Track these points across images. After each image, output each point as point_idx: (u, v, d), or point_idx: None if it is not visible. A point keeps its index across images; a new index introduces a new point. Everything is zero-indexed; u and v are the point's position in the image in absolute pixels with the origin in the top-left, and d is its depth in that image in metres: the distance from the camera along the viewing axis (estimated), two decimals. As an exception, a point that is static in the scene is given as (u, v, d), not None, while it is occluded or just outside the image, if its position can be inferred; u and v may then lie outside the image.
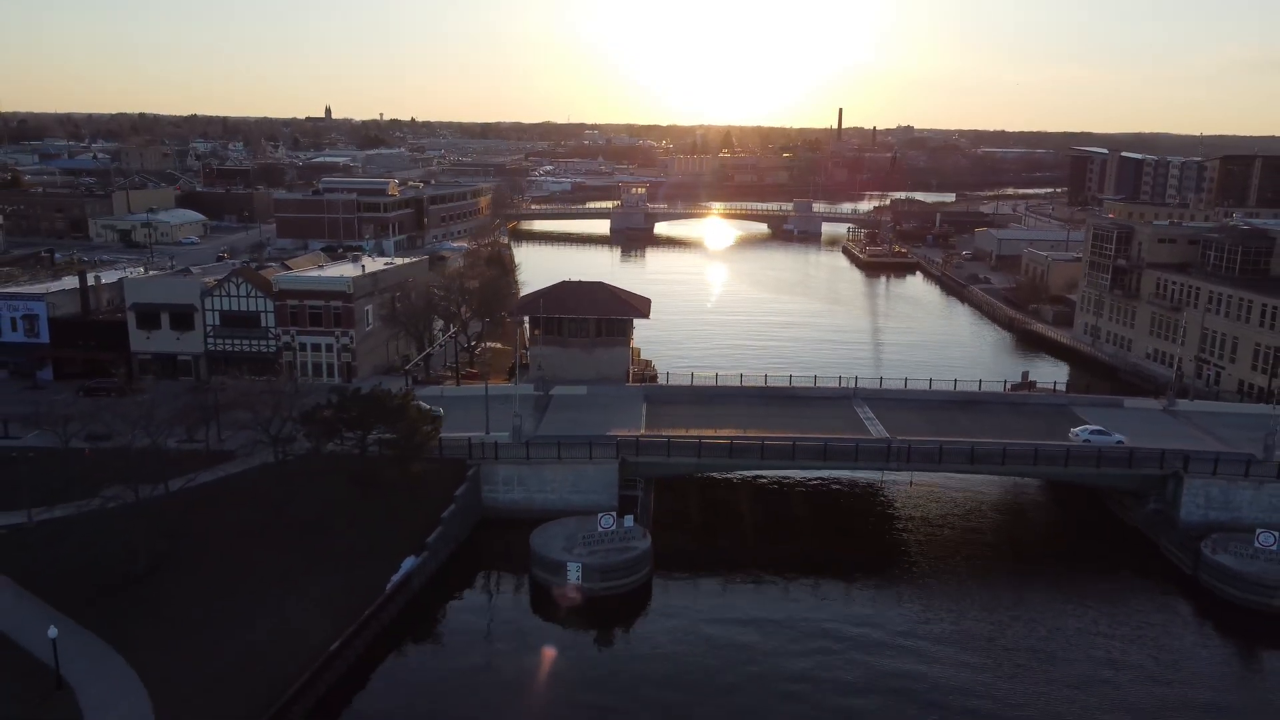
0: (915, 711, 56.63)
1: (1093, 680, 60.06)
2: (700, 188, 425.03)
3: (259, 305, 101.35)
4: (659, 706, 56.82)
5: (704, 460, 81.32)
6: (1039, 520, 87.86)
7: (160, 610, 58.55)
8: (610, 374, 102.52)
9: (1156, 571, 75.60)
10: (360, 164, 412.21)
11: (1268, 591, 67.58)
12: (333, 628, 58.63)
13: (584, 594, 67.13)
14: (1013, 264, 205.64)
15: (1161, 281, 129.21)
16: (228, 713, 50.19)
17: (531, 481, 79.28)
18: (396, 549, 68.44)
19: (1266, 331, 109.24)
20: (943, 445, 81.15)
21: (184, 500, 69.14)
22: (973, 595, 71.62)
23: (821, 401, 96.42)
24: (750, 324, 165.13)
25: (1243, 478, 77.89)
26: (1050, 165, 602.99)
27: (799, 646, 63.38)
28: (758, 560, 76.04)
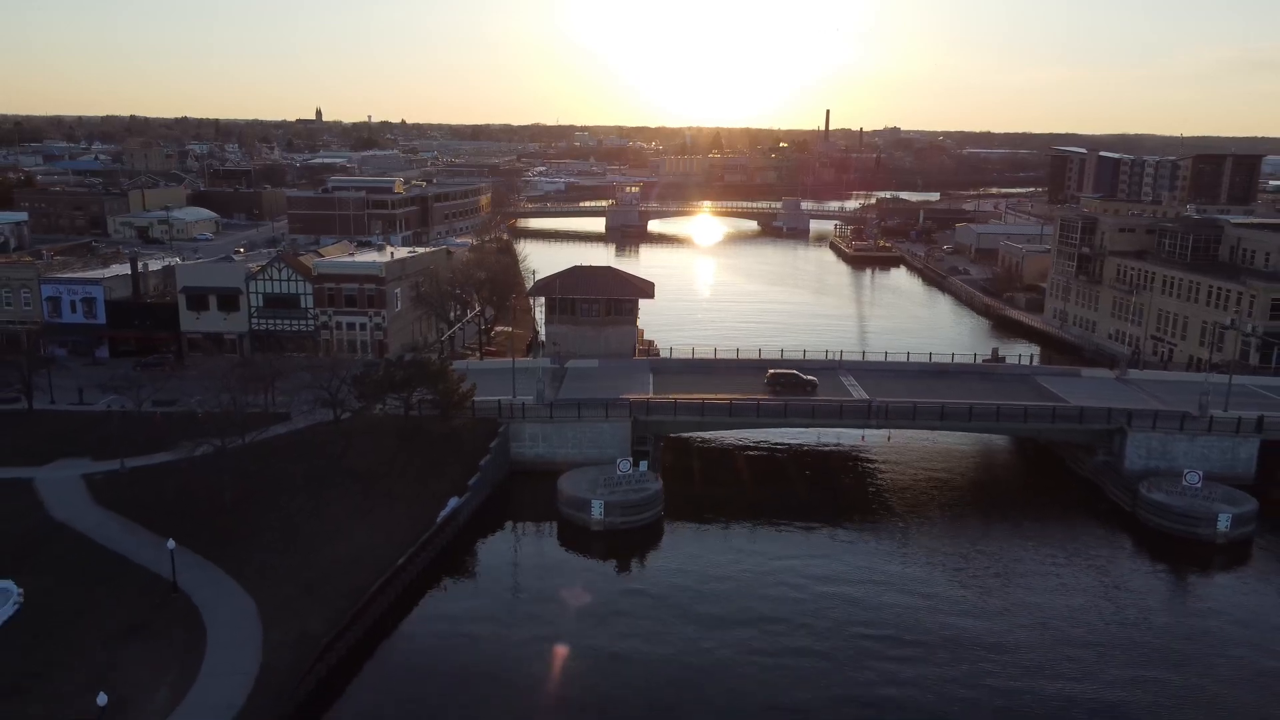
0: (893, 628, 65.66)
1: (1049, 600, 69.73)
2: (691, 187, 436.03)
3: (299, 288, 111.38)
4: (670, 625, 67.16)
5: (707, 419, 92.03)
6: (1003, 472, 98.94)
7: (249, 537, 68.58)
8: (619, 350, 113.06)
9: (1103, 513, 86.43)
10: (356, 165, 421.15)
11: (1193, 522, 78.61)
12: (396, 549, 68.93)
13: (604, 527, 77.65)
14: (990, 257, 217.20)
15: (1121, 267, 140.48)
16: (319, 610, 60.37)
17: (554, 438, 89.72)
18: (442, 491, 78.75)
19: (1213, 310, 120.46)
20: (917, 405, 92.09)
21: (256, 451, 79.20)
22: (944, 535, 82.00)
23: (810, 372, 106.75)
24: (743, 311, 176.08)
25: (1178, 431, 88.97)
26: (1033, 165, 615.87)
27: (791, 578, 72.65)
28: (754, 507, 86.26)
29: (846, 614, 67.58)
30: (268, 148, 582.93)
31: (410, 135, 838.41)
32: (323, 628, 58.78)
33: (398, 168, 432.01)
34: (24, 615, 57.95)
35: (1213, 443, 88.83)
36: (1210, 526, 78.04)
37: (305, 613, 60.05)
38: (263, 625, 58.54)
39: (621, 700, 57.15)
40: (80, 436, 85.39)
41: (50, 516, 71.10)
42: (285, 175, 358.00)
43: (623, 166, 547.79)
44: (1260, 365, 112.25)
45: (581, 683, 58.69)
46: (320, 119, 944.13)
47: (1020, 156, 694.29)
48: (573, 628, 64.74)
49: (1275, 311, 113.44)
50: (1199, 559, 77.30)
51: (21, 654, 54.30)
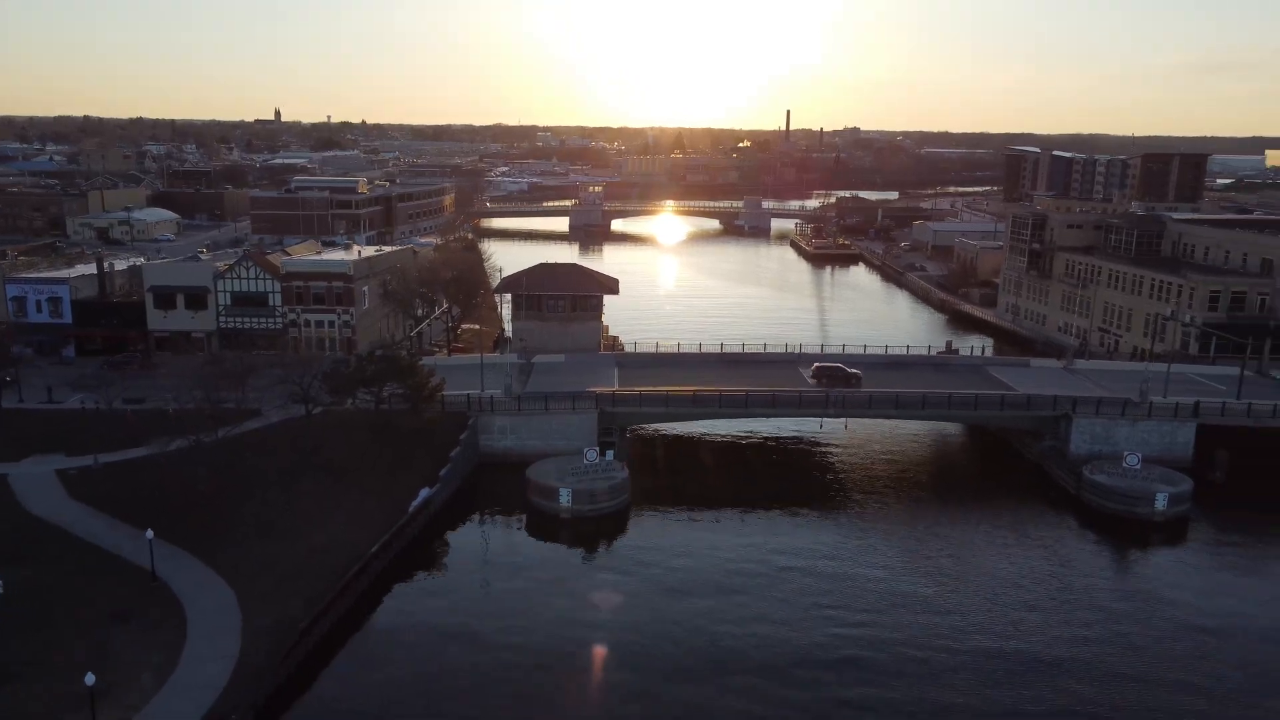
0: (851, 600, 69.08)
1: (998, 576, 73.24)
2: (653, 187, 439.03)
3: (267, 286, 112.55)
4: (639, 601, 69.78)
5: (671, 409, 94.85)
6: (956, 459, 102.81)
7: (225, 528, 70.11)
8: (585, 344, 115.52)
9: (1050, 495, 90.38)
10: (318, 165, 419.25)
11: (1133, 501, 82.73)
12: (371, 537, 70.89)
13: (572, 514, 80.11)
14: (946, 254, 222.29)
15: (1070, 263, 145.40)
16: (297, 597, 62.21)
17: (523, 430, 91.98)
18: (413, 482, 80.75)
19: (1156, 303, 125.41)
20: (872, 394, 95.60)
21: (229, 446, 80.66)
22: (900, 518, 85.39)
23: (770, 365, 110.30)
24: (706, 307, 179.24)
25: (1120, 416, 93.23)
26: (990, 165, 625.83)
27: (755, 558, 75.71)
28: (718, 495, 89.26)
29: (806, 588, 70.95)
30: (227, 148, 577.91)
31: (371, 136, 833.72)
32: (300, 613, 60.63)
33: (359, 168, 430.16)
34: (5, 606, 59.17)
35: (1152, 427, 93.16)
36: (1149, 506, 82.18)
37: (283, 599, 61.87)
38: (242, 612, 60.30)
39: (591, 673, 59.67)
40: (52, 434, 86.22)
41: (26, 511, 72.22)
42: (246, 176, 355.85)
43: (585, 166, 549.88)
44: (1199, 354, 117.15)
45: (552, 658, 60.97)
46: (279, 119, 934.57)
47: (977, 156, 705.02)
48: (543, 609, 67.07)
49: (1213, 303, 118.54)
50: (1138, 536, 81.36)
51: (6, 642, 55.64)
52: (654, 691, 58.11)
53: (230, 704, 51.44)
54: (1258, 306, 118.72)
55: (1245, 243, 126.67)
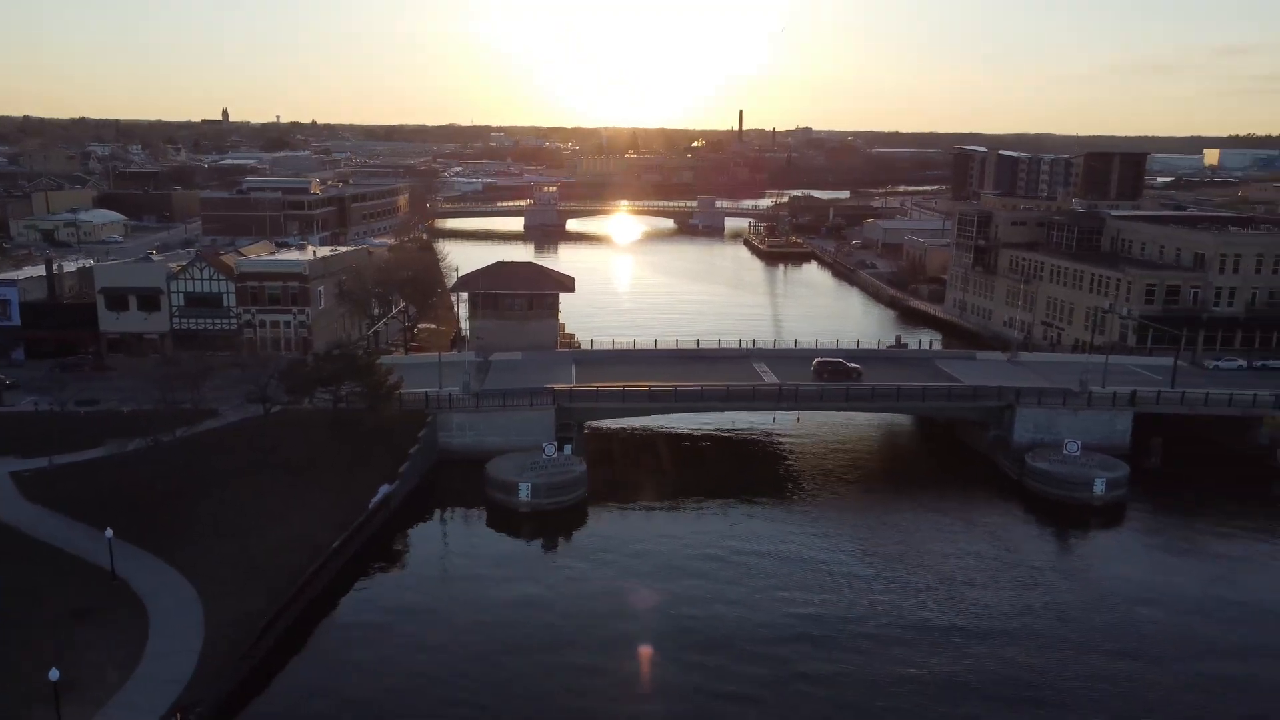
0: (804, 592, 71.11)
1: (949, 566, 75.43)
2: (608, 187, 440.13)
3: (221, 287, 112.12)
4: (598, 585, 71.25)
5: (628, 404, 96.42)
6: (905, 449, 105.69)
7: (185, 527, 70.21)
8: (542, 342, 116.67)
9: (996, 483, 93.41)
10: (268, 166, 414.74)
11: (1073, 487, 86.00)
12: (331, 534, 71.57)
13: (531, 508, 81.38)
14: (896, 251, 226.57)
15: (1014, 259, 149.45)
16: (259, 592, 62.75)
17: (481, 426, 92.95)
18: (373, 479, 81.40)
19: (1096, 296, 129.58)
20: (824, 387, 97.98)
21: (187, 446, 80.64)
22: (851, 508, 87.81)
23: (725, 360, 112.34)
24: (662, 305, 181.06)
25: (1062, 406, 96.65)
26: (940, 164, 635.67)
27: (711, 546, 77.57)
28: (674, 488, 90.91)
29: (762, 572, 73.25)
30: (174, 149, 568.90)
31: (322, 136, 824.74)
32: (263, 608, 61.23)
33: (311, 169, 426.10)
34: (-37, 606, 58.98)
35: (1092, 416, 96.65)
36: (1088, 490, 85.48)
37: (245, 595, 62.36)
38: (204, 607, 60.72)
39: (551, 656, 61.04)
40: (3, 436, 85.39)
41: (-20, 513, 71.70)
42: (194, 177, 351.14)
43: (540, 167, 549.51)
44: (1137, 346, 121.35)
45: (513, 645, 62.14)
46: (227, 119, 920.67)
47: (927, 155, 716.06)
48: (504, 599, 68.25)
49: (1149, 297, 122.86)
50: (1079, 520, 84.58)
51: (-36, 641, 55.56)
52: (614, 669, 60.00)
53: (196, 696, 52.03)
54: (1191, 299, 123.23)
55: (1179, 238, 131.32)
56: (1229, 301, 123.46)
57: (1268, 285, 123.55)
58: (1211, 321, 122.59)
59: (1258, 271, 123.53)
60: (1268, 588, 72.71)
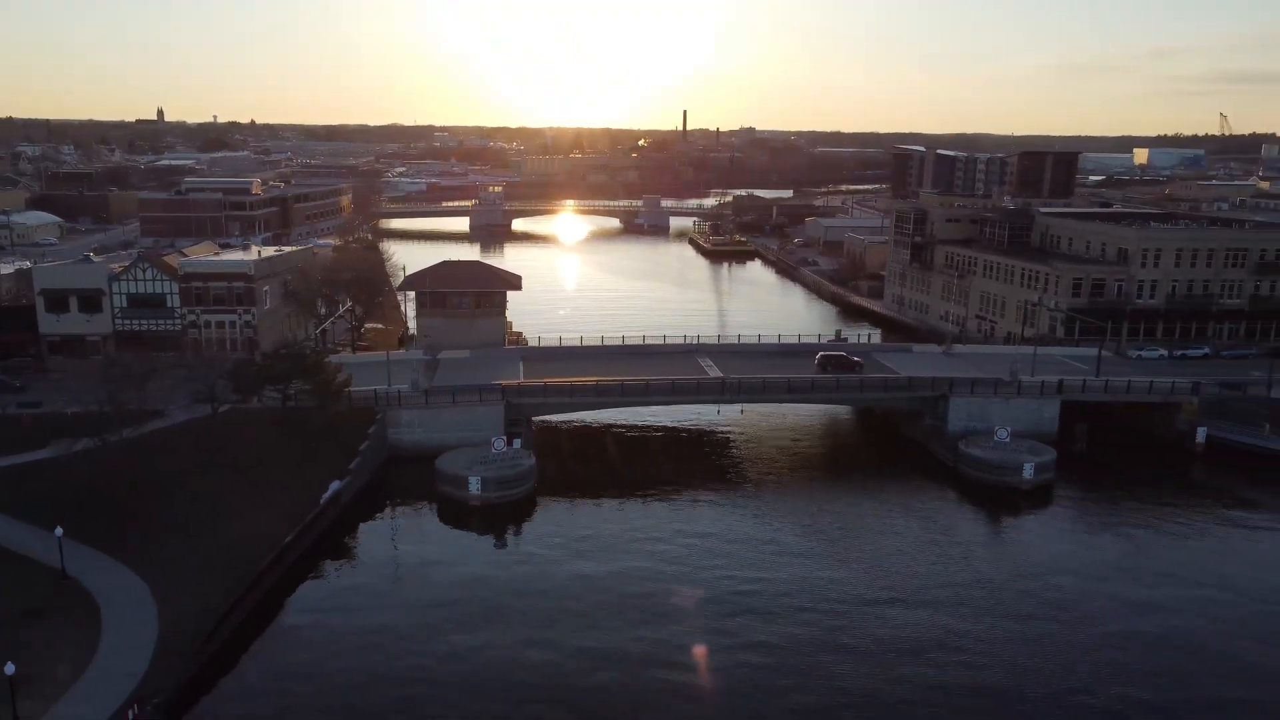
0: (748, 571, 73.77)
1: (887, 547, 78.40)
2: (553, 186, 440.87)
3: (165, 288, 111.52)
4: (549, 577, 73.03)
5: (575, 399, 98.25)
6: (845, 440, 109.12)
7: (136, 526, 70.41)
8: (489, 340, 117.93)
9: (931, 470, 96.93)
10: (206, 166, 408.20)
11: (1003, 472, 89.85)
12: (284, 530, 72.30)
13: (481, 501, 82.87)
14: (837, 248, 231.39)
15: (950, 254, 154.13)
16: (212, 588, 63.43)
17: (431, 423, 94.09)
18: (323, 476, 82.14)
19: (1026, 290, 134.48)
20: (766, 380, 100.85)
21: (134, 446, 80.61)
22: (794, 496, 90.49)
23: (670, 355, 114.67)
24: (608, 303, 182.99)
25: (993, 395, 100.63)
26: (881, 163, 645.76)
27: (658, 535, 79.70)
28: (621, 481, 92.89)
29: (707, 555, 75.92)
30: (108, 149, 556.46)
31: (261, 136, 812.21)
32: (217, 603, 61.95)
33: (251, 169, 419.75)
34: (-90, 607, 58.86)
35: (1022, 405, 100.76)
36: (1017, 475, 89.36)
37: (198, 590, 62.98)
38: (157, 604, 61.28)
39: (501, 630, 62.75)
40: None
41: (-76, 516, 71.18)
42: (130, 178, 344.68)
43: (485, 167, 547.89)
44: (1065, 337, 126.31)
45: (466, 630, 63.69)
46: (163, 119, 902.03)
47: (868, 155, 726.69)
48: (456, 587, 69.72)
49: (1076, 290, 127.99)
50: (1009, 503, 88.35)
51: (-87, 641, 55.52)
52: (561, 641, 62.53)
53: (152, 689, 52.77)
54: (1115, 292, 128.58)
55: (1103, 234, 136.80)
56: (1150, 294, 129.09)
57: (1186, 278, 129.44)
58: (1134, 313, 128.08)
59: (1177, 265, 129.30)
60: (1182, 561, 77.13)
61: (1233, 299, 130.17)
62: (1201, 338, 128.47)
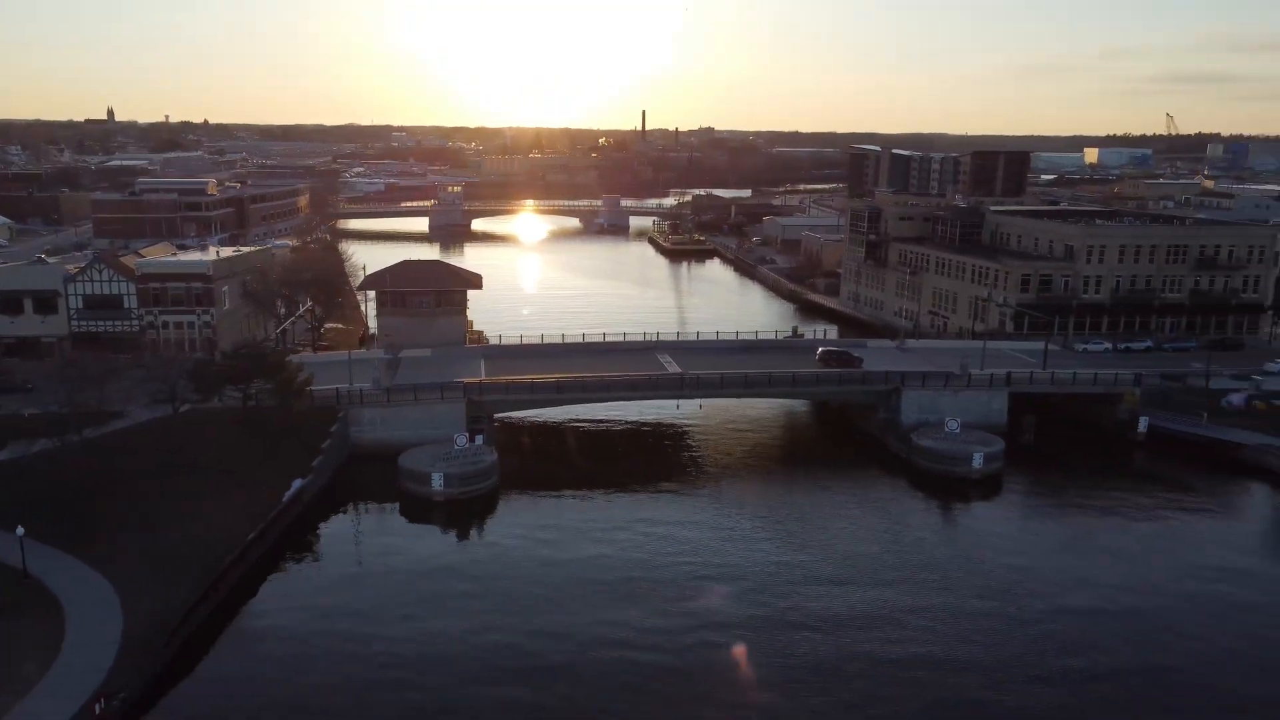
0: (707, 557, 75.70)
1: (842, 534, 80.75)
2: (513, 186, 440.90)
3: (121, 289, 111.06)
4: (512, 568, 74.26)
5: (536, 396, 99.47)
6: (802, 433, 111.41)
7: (97, 525, 70.64)
8: (450, 339, 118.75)
9: (885, 461, 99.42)
10: (159, 167, 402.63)
11: (953, 462, 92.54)
12: (247, 527, 72.72)
13: (444, 497, 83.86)
14: (795, 247, 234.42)
15: (903, 252, 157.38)
16: (176, 585, 63.83)
17: (393, 421, 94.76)
18: (286, 474, 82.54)
19: (977, 286, 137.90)
20: (724, 375, 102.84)
21: (95, 446, 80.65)
22: (752, 488, 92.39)
23: (630, 352, 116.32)
24: (569, 302, 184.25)
25: (944, 388, 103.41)
26: (838, 163, 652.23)
27: (619, 527, 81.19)
28: (583, 476, 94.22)
29: (667, 546, 77.46)
30: (57, 150, 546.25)
31: (215, 136, 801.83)
32: (181, 599, 62.36)
33: (205, 170, 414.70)
34: None
35: (971, 397, 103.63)
36: (967, 465, 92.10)
37: (162, 587, 63.33)
38: (121, 601, 61.54)
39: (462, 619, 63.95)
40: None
41: (-121, 519, 70.62)
42: (81, 178, 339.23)
43: (443, 167, 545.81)
44: (1014, 332, 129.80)
45: (429, 622, 64.71)
46: (113, 119, 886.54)
47: (826, 155, 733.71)
48: (421, 581, 70.69)
49: (1024, 286, 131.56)
50: (959, 492, 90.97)
51: (-126, 642, 55.48)
52: (525, 626, 64.02)
53: (117, 684, 53.23)
54: (1062, 288, 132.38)
55: (1051, 231, 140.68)
56: (1096, 289, 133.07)
57: (1130, 274, 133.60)
58: (1080, 308, 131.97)
59: (1120, 261, 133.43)
60: (1123, 544, 79.99)
61: (1174, 293, 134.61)
62: (1144, 331, 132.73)
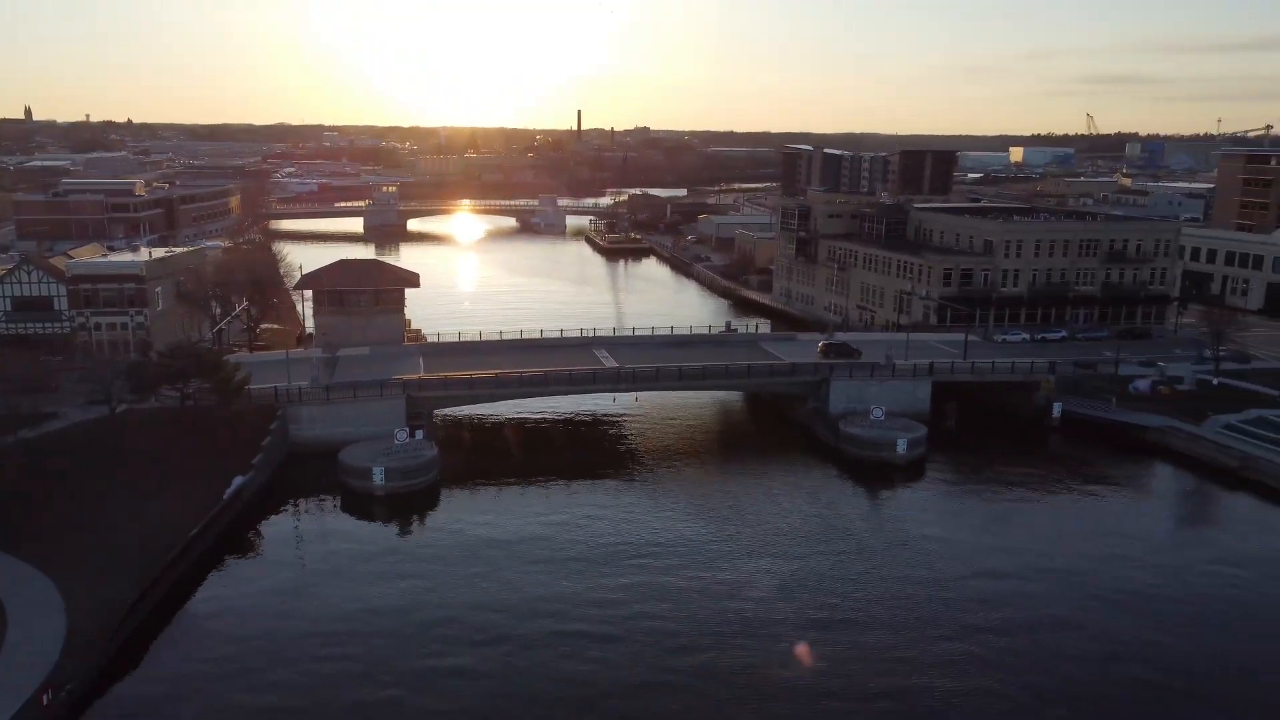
0: (642, 546, 78.18)
1: (774, 520, 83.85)
2: (449, 186, 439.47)
3: (51, 290, 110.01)
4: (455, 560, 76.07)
5: (476, 391, 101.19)
6: (736, 423, 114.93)
7: (35, 524, 70.65)
8: (388, 337, 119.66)
9: (814, 450, 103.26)
10: (82, 167, 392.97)
11: (878, 448, 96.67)
12: (188, 524, 73.34)
13: (385, 491, 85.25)
14: (729, 245, 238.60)
15: (832, 248, 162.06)
16: (119, 580, 64.41)
17: (332, 418, 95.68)
18: (226, 471, 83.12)
19: (902, 281, 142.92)
20: (659, 368, 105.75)
21: (29, 448, 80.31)
22: (687, 478, 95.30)
23: (568, 348, 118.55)
24: (506, 301, 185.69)
25: (870, 378, 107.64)
26: (772, 162, 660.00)
27: (558, 517, 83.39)
28: (522, 469, 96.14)
29: (604, 529, 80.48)
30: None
31: (139, 136, 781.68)
32: (124, 594, 63.02)
33: (130, 170, 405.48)
34: None
35: (897, 386, 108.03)
36: (891, 450, 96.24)
37: (105, 583, 63.87)
38: (63, 598, 62.00)
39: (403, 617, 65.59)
40: None
41: None
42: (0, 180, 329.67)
43: (377, 167, 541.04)
44: (938, 324, 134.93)
45: (371, 614, 66.26)
46: (30, 118, 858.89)
47: (760, 154, 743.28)
48: (362, 576, 72.13)
49: (946, 280, 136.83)
50: (885, 477, 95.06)
51: None
52: (461, 618, 65.71)
53: (64, 676, 53.98)
54: (982, 281, 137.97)
55: (971, 227, 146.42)
56: (1014, 282, 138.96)
57: (1045, 267, 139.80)
58: (999, 300, 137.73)
59: (1036, 255, 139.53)
60: (1037, 519, 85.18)
61: (1087, 286, 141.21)
62: (1060, 322, 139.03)
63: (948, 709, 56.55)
